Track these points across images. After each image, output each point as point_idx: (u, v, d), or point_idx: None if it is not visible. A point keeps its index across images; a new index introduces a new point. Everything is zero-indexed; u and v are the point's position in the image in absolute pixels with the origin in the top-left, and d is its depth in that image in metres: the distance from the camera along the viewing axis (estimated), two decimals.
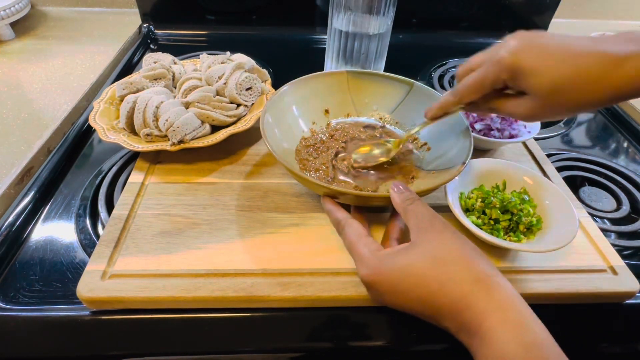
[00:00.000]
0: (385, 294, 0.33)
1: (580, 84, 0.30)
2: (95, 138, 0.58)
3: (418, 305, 0.31)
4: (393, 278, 0.32)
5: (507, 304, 0.29)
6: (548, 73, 0.31)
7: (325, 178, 0.46)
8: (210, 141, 0.48)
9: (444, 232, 0.33)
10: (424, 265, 0.31)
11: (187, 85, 0.53)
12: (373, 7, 0.59)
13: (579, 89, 0.31)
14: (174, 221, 0.43)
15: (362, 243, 0.35)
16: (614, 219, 0.50)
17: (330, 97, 0.54)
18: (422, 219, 0.34)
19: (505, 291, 0.29)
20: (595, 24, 1.02)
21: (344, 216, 0.39)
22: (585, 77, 0.30)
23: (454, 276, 0.30)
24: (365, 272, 0.34)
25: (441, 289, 0.30)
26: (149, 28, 0.88)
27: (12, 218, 0.45)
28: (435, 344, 0.37)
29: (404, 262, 0.32)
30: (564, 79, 0.31)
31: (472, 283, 0.30)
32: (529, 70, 0.32)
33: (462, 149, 0.44)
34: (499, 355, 0.27)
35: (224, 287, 0.37)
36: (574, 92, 0.31)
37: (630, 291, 0.39)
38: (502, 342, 0.27)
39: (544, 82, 0.31)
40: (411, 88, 0.53)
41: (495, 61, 0.34)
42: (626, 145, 0.64)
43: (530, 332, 0.27)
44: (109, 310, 0.37)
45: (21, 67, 0.73)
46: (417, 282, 0.31)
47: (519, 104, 0.35)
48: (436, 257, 0.31)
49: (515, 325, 0.28)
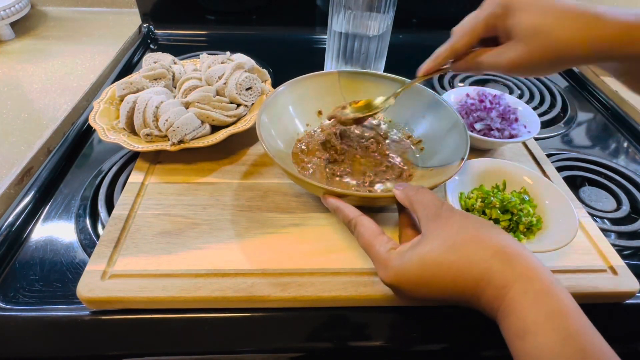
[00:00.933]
0: (409, 291, 0.32)
1: (562, 30, 0.31)
2: (95, 138, 0.58)
3: (444, 294, 0.31)
4: (412, 275, 0.31)
5: (529, 274, 0.27)
6: (535, 12, 0.32)
7: (325, 178, 0.46)
8: (210, 141, 0.48)
9: (452, 217, 0.32)
10: (439, 255, 0.30)
11: (187, 85, 0.53)
12: (373, 7, 0.59)
13: (559, 35, 0.31)
14: (174, 221, 0.43)
15: (377, 243, 0.34)
16: (614, 219, 0.50)
17: (322, 98, 0.54)
18: (429, 208, 0.33)
19: (527, 260, 0.28)
20: None
21: (354, 214, 0.37)
22: (568, 23, 0.31)
23: (470, 257, 0.29)
24: (384, 275, 0.33)
25: (461, 273, 0.29)
26: (149, 28, 0.88)
27: (12, 218, 0.45)
28: (435, 344, 0.37)
29: (419, 257, 0.31)
30: (547, 20, 0.32)
31: (490, 258, 0.29)
32: (519, 6, 0.33)
33: (460, 146, 0.44)
34: (520, 326, 0.26)
35: (224, 287, 0.37)
36: (554, 36, 0.32)
37: (630, 291, 0.39)
38: (522, 311, 0.26)
39: (529, 20, 0.33)
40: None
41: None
42: (626, 145, 0.64)
43: (553, 301, 0.26)
44: (109, 310, 0.37)
45: (21, 67, 0.73)
46: (435, 272, 0.30)
47: (503, 51, 0.35)
48: (449, 243, 0.30)
49: (537, 294, 0.26)
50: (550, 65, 0.34)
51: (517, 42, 0.34)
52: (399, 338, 0.37)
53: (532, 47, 0.33)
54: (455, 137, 0.46)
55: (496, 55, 0.36)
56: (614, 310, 0.40)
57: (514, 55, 0.34)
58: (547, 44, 0.32)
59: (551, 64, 0.34)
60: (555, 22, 0.31)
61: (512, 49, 0.34)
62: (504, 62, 0.35)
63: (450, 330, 0.37)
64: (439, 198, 0.35)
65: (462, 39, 0.38)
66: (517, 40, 0.34)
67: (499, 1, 0.34)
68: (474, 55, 0.38)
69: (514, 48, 0.34)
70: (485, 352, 0.37)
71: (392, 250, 0.33)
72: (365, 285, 0.38)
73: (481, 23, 0.36)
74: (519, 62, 0.34)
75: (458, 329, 0.37)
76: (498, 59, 0.36)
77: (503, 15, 0.34)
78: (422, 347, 0.37)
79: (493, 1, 0.35)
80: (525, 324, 0.26)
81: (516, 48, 0.34)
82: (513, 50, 0.34)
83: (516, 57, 0.34)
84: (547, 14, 0.32)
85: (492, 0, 0.35)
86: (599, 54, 0.31)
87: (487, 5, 0.36)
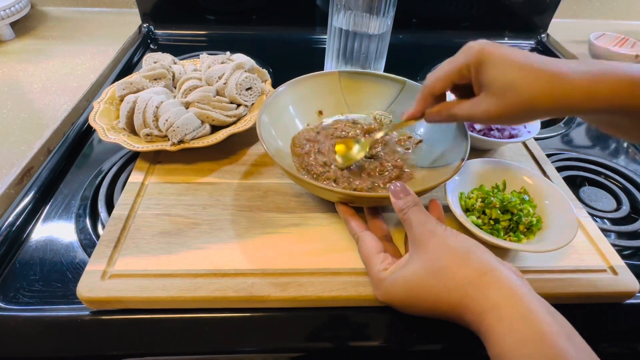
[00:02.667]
0: (401, 308, 0.35)
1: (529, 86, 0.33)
2: (95, 138, 0.58)
3: (430, 312, 0.33)
4: (399, 295, 0.34)
5: (503, 301, 0.28)
6: (505, 68, 0.34)
7: (328, 180, 0.46)
8: (210, 141, 0.48)
9: (432, 240, 0.33)
10: (420, 278, 0.32)
11: (187, 85, 0.53)
12: (373, 7, 0.59)
13: (527, 91, 0.33)
14: (174, 221, 0.43)
15: (372, 262, 0.36)
16: (614, 219, 0.50)
17: (323, 98, 0.54)
18: (415, 229, 0.35)
19: (504, 286, 0.29)
20: (595, 24, 1.02)
21: (358, 229, 0.40)
22: (534, 80, 0.33)
23: (447, 284, 0.31)
24: (377, 293, 0.36)
25: (439, 298, 0.31)
26: (149, 28, 0.88)
27: (12, 218, 0.45)
28: (435, 344, 0.37)
29: (403, 279, 0.33)
30: (516, 76, 0.33)
31: (466, 285, 0.30)
32: (492, 61, 0.35)
33: (460, 146, 0.44)
34: (498, 351, 0.27)
35: (224, 287, 0.37)
36: (523, 92, 0.33)
37: (630, 291, 0.39)
38: (498, 338, 0.27)
39: (500, 76, 0.34)
40: (403, 86, 0.53)
41: (466, 48, 0.37)
42: (626, 146, 0.64)
43: (529, 326, 0.27)
44: (109, 310, 0.37)
45: (21, 67, 0.73)
46: (419, 294, 0.32)
47: (477, 103, 0.37)
48: (428, 268, 0.32)
49: (513, 320, 0.27)
50: (522, 117, 0.36)
51: (489, 95, 0.35)
52: (399, 338, 0.37)
53: (503, 101, 0.34)
54: (455, 137, 0.46)
55: (471, 108, 0.37)
56: (614, 310, 0.40)
57: (487, 108, 0.36)
58: (517, 99, 0.34)
59: (523, 116, 0.36)
60: (524, 80, 0.33)
61: (485, 101, 0.36)
62: (478, 114, 0.37)
63: (450, 330, 0.37)
64: (427, 215, 0.36)
65: (437, 84, 0.40)
66: (489, 94, 0.35)
67: (473, 54, 0.36)
68: (449, 107, 0.40)
69: (487, 101, 0.36)
70: (485, 352, 0.37)
71: (384, 270, 0.35)
72: (365, 285, 0.38)
73: (455, 71, 0.38)
74: (492, 115, 0.36)
75: (458, 329, 0.37)
76: (472, 110, 0.37)
77: (476, 68, 0.36)
78: (422, 347, 0.37)
79: (468, 53, 0.36)
80: (502, 350, 0.27)
81: (489, 101, 0.35)
82: (486, 104, 0.36)
83: (490, 110, 0.36)
84: (517, 70, 0.33)
85: (467, 51, 0.37)
86: (565, 110, 0.33)
87: (461, 55, 0.37)
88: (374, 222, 0.41)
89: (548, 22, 0.93)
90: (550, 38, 0.94)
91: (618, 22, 1.03)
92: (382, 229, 0.41)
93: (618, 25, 1.02)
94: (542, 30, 0.94)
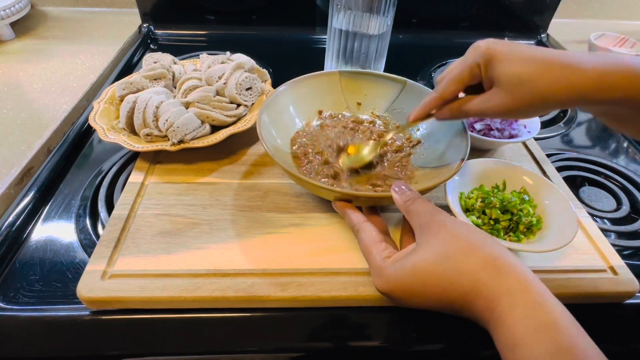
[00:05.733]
0: (401, 299, 0.33)
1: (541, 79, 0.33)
2: (95, 138, 0.58)
3: (435, 303, 0.32)
4: (404, 283, 0.32)
5: (517, 287, 0.28)
6: (516, 62, 0.34)
7: (327, 180, 0.46)
8: (210, 141, 0.48)
9: (445, 226, 0.33)
10: (430, 264, 0.31)
11: (187, 85, 0.53)
12: (373, 7, 0.59)
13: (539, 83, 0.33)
14: (174, 221, 0.43)
15: (374, 251, 0.35)
16: (614, 219, 0.50)
17: (323, 98, 0.54)
18: (423, 218, 0.34)
19: (517, 273, 0.29)
20: (595, 24, 1.02)
21: (358, 220, 0.38)
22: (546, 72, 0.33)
23: (460, 268, 0.30)
24: (378, 282, 0.34)
25: (451, 284, 0.30)
26: (149, 28, 0.88)
27: (12, 218, 0.45)
28: (435, 344, 0.37)
29: (410, 265, 0.32)
30: (528, 70, 0.34)
31: (480, 270, 0.29)
32: (501, 57, 0.35)
33: (460, 146, 0.44)
34: (510, 339, 0.26)
35: (224, 287, 0.37)
36: (535, 85, 0.33)
37: (630, 291, 0.39)
38: (511, 324, 0.27)
39: (511, 70, 0.35)
40: (404, 86, 0.53)
41: (473, 48, 0.37)
42: (626, 145, 0.64)
43: (542, 313, 0.26)
44: (109, 310, 0.37)
45: (21, 67, 0.73)
46: (426, 282, 0.31)
47: (488, 99, 0.37)
48: (440, 253, 0.31)
49: (526, 307, 0.27)
50: (533, 110, 0.36)
51: (501, 90, 0.36)
52: (399, 338, 0.37)
53: (515, 95, 0.35)
54: (455, 137, 0.46)
55: (482, 103, 0.38)
56: (614, 310, 0.40)
57: (499, 103, 0.36)
58: (529, 92, 0.34)
59: (534, 109, 0.36)
60: (535, 72, 0.33)
61: (497, 96, 0.36)
62: (490, 109, 0.37)
63: (450, 330, 0.37)
64: (434, 206, 0.35)
65: (450, 87, 0.40)
66: (501, 88, 0.36)
67: (482, 52, 0.36)
68: (460, 104, 0.40)
69: (499, 96, 0.36)
70: (485, 352, 0.37)
71: (387, 258, 0.34)
72: (365, 285, 0.38)
73: (466, 72, 0.38)
74: (504, 109, 0.36)
75: (458, 329, 0.37)
76: (484, 106, 0.37)
77: (486, 65, 0.36)
78: (422, 347, 0.37)
79: (476, 51, 0.37)
80: (514, 337, 0.26)
81: (501, 96, 0.36)
82: (498, 98, 0.36)
83: (502, 104, 0.36)
84: (527, 64, 0.34)
85: (475, 50, 0.37)
86: (577, 100, 0.33)
87: (470, 55, 0.38)
88: (373, 219, 0.41)
89: (548, 22, 0.93)
90: (550, 38, 0.94)
91: (618, 22, 1.03)
92: (381, 224, 0.40)
93: (618, 25, 1.02)
94: (542, 30, 0.94)
